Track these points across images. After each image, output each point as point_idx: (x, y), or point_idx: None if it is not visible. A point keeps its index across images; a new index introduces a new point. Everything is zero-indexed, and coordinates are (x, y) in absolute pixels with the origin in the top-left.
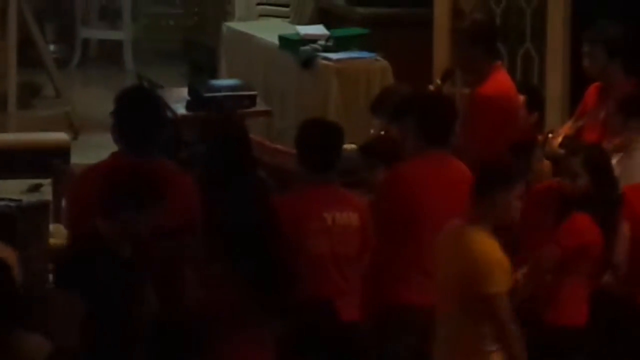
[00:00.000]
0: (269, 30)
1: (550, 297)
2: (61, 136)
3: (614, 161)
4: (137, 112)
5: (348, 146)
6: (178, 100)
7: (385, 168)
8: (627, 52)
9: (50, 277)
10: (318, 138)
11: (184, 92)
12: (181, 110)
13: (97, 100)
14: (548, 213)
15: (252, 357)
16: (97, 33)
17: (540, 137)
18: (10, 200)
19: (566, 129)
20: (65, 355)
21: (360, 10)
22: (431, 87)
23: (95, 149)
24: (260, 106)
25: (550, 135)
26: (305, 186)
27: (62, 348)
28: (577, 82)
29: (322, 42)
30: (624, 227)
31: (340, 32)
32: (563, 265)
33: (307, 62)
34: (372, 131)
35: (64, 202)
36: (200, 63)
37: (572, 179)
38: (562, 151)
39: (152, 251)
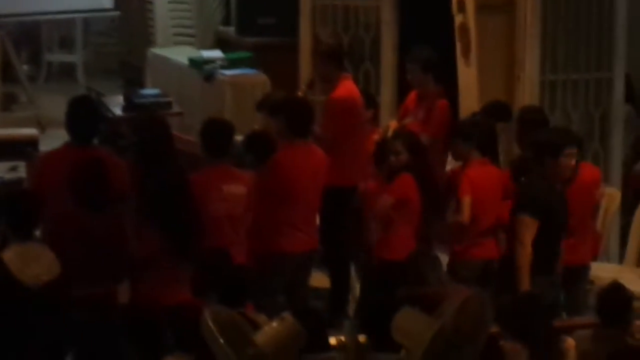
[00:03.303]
0: (181, 54)
1: (384, 239)
2: (32, 131)
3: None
4: (80, 113)
5: (238, 137)
6: (116, 104)
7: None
8: (437, 68)
9: None
10: (217, 132)
11: (120, 99)
12: (118, 112)
13: (57, 105)
14: None
15: (172, 290)
16: (58, 57)
17: (377, 132)
18: None
19: (394, 124)
20: None
21: (247, 39)
22: (299, 92)
23: (56, 141)
24: (175, 109)
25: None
26: (207, 166)
27: None
28: (402, 91)
29: (219, 63)
30: (467, 198)
31: (232, 55)
32: (392, 212)
33: (209, 77)
34: (256, 126)
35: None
36: (132, 78)
37: (395, 156)
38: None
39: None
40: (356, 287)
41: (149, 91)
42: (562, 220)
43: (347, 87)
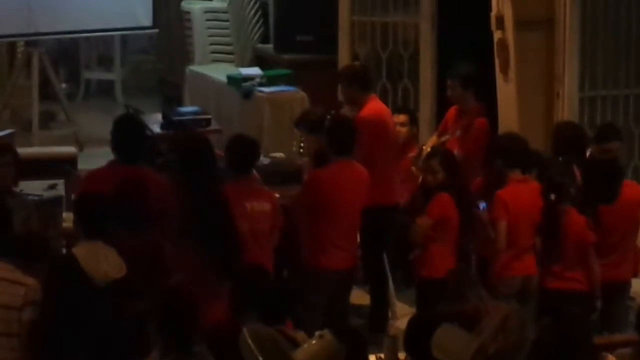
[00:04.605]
0: (219, 71)
1: (424, 257)
2: (71, 149)
3: None
4: (127, 132)
5: (277, 154)
6: (155, 122)
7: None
8: (477, 84)
9: (64, 250)
10: (243, 149)
11: (159, 116)
12: (157, 129)
13: (96, 123)
14: None
15: (211, 309)
16: (96, 74)
17: (416, 150)
18: (35, 195)
19: (433, 141)
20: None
21: (285, 56)
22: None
23: (95, 159)
24: (213, 126)
25: (423, 147)
26: (231, 183)
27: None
28: (441, 108)
29: (258, 80)
30: (502, 224)
31: (270, 72)
32: (431, 231)
33: (247, 94)
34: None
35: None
36: (170, 95)
37: (432, 175)
38: None
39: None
40: (395, 304)
41: (187, 109)
42: None
43: (374, 107)
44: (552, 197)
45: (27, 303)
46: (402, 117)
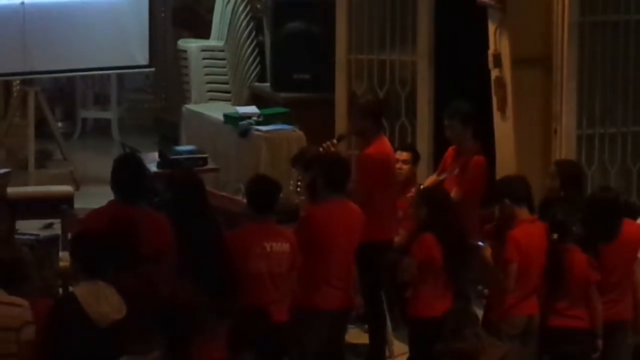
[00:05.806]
0: (216, 110)
1: (413, 297)
2: (67, 188)
3: None
4: (127, 172)
5: None
6: (151, 161)
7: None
8: (475, 122)
9: (60, 290)
10: (264, 190)
11: (155, 155)
12: (153, 168)
13: (92, 162)
14: None
15: (209, 348)
16: (92, 113)
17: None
18: (31, 234)
19: (431, 180)
20: None
21: (282, 94)
22: (330, 146)
23: (91, 198)
24: (210, 165)
25: (421, 186)
26: (250, 223)
27: None
28: (438, 146)
29: (254, 118)
30: (513, 266)
31: (267, 111)
32: (418, 272)
33: (244, 133)
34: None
35: (70, 235)
36: (167, 134)
37: (415, 209)
38: None
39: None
40: (393, 343)
41: (184, 147)
42: None
43: (381, 144)
44: (555, 236)
45: (24, 323)
46: (405, 155)
